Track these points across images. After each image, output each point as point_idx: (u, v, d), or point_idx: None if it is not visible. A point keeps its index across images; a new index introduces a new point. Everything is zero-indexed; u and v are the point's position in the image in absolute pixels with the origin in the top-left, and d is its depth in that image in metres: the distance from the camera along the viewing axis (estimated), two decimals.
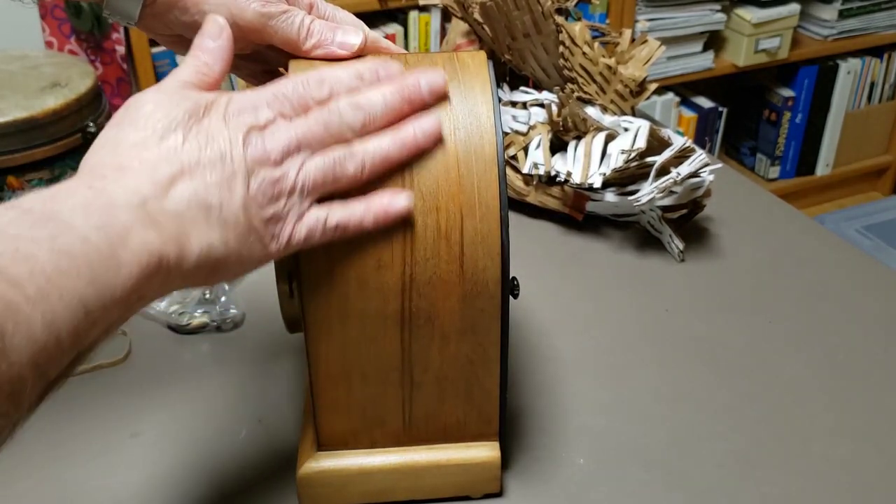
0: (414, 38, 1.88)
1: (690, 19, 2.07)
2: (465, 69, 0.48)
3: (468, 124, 0.46)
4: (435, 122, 0.45)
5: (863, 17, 2.24)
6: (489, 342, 0.48)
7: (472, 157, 0.46)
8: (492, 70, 0.49)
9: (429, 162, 0.46)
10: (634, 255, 0.78)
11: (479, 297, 0.47)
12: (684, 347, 0.67)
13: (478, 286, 0.47)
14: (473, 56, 0.49)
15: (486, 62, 0.49)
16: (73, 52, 1.75)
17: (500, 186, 0.46)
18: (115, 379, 0.63)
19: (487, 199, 0.46)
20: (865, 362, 0.65)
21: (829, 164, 2.45)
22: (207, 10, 0.48)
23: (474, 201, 0.46)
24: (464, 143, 0.46)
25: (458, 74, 0.48)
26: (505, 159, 0.48)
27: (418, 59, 0.49)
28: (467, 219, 0.46)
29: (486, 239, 0.46)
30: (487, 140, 0.46)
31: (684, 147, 0.75)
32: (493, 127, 0.47)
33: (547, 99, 0.86)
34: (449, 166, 0.46)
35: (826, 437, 0.58)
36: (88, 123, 1.54)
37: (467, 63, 0.49)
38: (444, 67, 0.48)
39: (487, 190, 0.46)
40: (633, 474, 0.55)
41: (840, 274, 0.76)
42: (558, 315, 0.70)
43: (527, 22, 0.84)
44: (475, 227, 0.46)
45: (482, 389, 0.50)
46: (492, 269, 0.47)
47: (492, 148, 0.46)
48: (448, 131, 0.46)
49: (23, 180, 1.49)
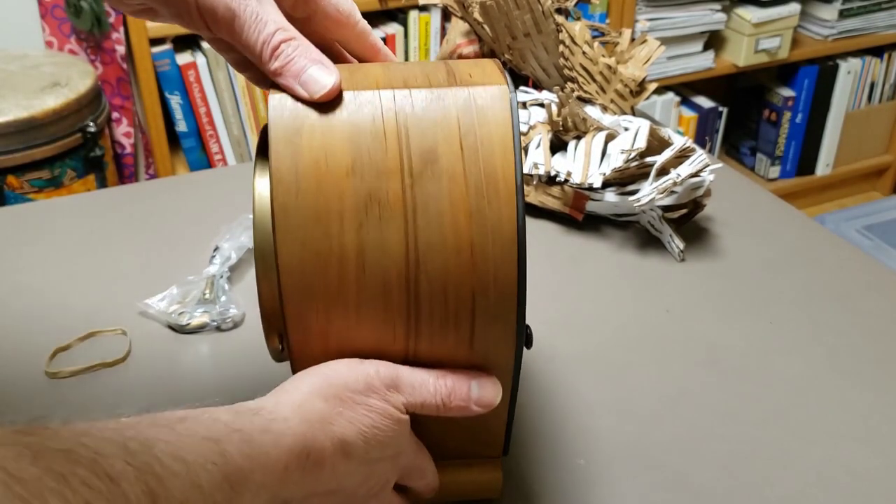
0: (414, 37, 1.88)
1: (690, 19, 2.07)
2: (484, 118, 0.42)
3: (484, 193, 0.41)
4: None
5: (863, 17, 2.24)
6: (498, 374, 0.46)
7: (489, 236, 0.41)
8: (516, 115, 0.42)
9: (436, 242, 0.41)
10: (635, 255, 0.78)
11: (488, 368, 0.45)
12: (685, 347, 0.66)
13: (488, 362, 0.44)
14: (495, 97, 0.42)
15: (511, 106, 0.42)
16: (72, 52, 1.75)
17: (518, 268, 0.41)
18: (114, 379, 0.63)
19: (504, 280, 0.41)
20: (866, 363, 0.65)
21: (829, 164, 2.45)
22: None
23: (489, 282, 0.41)
24: (478, 216, 0.40)
25: (475, 123, 0.41)
26: (525, 236, 0.41)
27: (428, 102, 0.42)
28: (479, 300, 0.42)
29: (500, 319, 0.42)
30: (506, 215, 0.40)
31: (684, 147, 0.75)
32: (513, 198, 0.40)
33: (547, 98, 0.86)
34: (461, 247, 0.41)
35: (826, 437, 0.58)
36: (88, 123, 1.55)
37: (486, 109, 0.42)
38: (458, 115, 0.41)
39: (504, 271, 0.41)
40: (634, 475, 0.55)
41: (840, 274, 0.76)
42: (558, 315, 0.70)
43: (527, 21, 0.84)
44: (488, 308, 0.42)
45: (488, 431, 0.48)
46: (505, 351, 0.43)
47: (511, 225, 0.41)
48: (459, 198, 0.40)
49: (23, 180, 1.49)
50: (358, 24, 0.49)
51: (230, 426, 0.37)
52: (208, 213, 0.82)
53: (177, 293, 0.70)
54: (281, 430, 0.39)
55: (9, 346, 0.66)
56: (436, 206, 0.41)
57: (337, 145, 0.41)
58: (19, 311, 0.70)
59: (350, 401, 0.42)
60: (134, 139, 1.83)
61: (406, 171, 0.41)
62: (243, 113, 1.83)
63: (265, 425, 0.38)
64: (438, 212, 0.41)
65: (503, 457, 0.52)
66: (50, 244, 0.79)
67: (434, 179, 0.41)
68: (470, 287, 0.41)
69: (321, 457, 0.40)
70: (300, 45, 0.43)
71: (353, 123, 0.41)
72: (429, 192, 0.41)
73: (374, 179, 0.41)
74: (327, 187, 0.41)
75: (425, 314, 0.42)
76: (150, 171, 1.88)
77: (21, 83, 1.55)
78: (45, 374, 0.63)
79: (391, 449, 0.44)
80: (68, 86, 1.55)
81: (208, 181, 0.92)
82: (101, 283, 0.74)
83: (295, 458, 0.38)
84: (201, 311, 0.69)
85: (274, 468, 0.37)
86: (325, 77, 0.42)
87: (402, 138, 0.41)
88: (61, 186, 1.54)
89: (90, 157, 1.57)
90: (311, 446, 0.39)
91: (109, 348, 0.66)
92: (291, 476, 0.38)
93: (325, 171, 0.41)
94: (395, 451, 0.44)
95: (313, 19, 0.48)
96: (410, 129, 0.41)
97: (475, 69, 0.44)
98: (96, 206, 0.86)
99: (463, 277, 0.41)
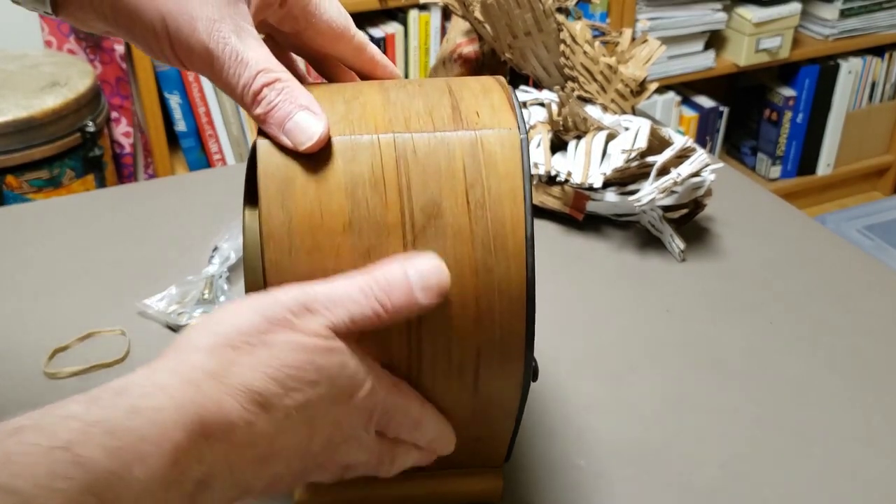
0: (414, 36, 1.88)
1: (691, 18, 2.07)
2: (493, 167, 0.38)
3: (491, 249, 0.38)
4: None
5: (864, 17, 2.24)
6: (501, 429, 0.45)
7: (496, 293, 0.38)
8: (527, 162, 0.39)
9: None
10: (635, 255, 0.78)
11: (490, 411, 0.43)
12: (685, 348, 0.66)
13: (493, 404, 0.42)
14: (504, 143, 0.39)
15: (521, 154, 0.39)
16: (71, 52, 1.75)
17: (527, 323, 0.39)
18: (114, 379, 0.63)
19: (511, 335, 0.39)
20: (867, 363, 0.65)
21: (830, 164, 2.45)
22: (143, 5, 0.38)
23: (495, 339, 0.39)
24: (484, 273, 0.38)
25: (483, 174, 0.38)
26: (534, 290, 0.39)
27: (431, 148, 0.39)
28: (485, 354, 0.40)
29: (506, 370, 0.40)
30: (515, 270, 0.38)
31: (685, 147, 0.75)
32: (522, 253, 0.38)
33: (547, 98, 0.86)
34: (466, 304, 0.38)
35: (827, 437, 0.58)
36: (87, 123, 1.54)
37: (494, 157, 0.39)
38: (464, 164, 0.39)
39: (512, 326, 0.39)
40: (634, 476, 0.55)
41: (841, 274, 0.75)
42: (558, 315, 0.70)
43: (528, 20, 0.84)
44: (493, 361, 0.40)
45: (491, 447, 0.47)
46: (511, 393, 0.42)
47: (520, 280, 0.38)
48: (464, 255, 0.38)
49: (22, 180, 1.49)
50: (354, 38, 0.46)
51: (85, 420, 0.29)
52: (207, 213, 0.82)
53: (176, 293, 0.70)
54: (157, 405, 0.31)
55: (7, 346, 0.66)
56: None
57: (333, 198, 0.37)
58: (18, 311, 0.70)
59: (245, 345, 0.34)
60: (133, 139, 1.82)
61: (408, 227, 0.38)
62: (242, 113, 1.83)
63: (133, 404, 0.31)
64: None
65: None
66: (49, 244, 0.79)
67: (438, 236, 0.38)
68: (475, 343, 0.39)
69: (226, 419, 0.32)
70: (285, 88, 0.39)
71: (351, 174, 0.38)
72: (431, 250, 0.38)
73: (374, 236, 0.38)
74: (323, 244, 0.38)
75: (427, 367, 0.40)
76: (150, 170, 1.88)
77: (20, 83, 1.55)
78: (43, 375, 0.63)
79: (329, 386, 0.36)
80: (67, 85, 1.55)
81: (207, 181, 0.92)
82: (99, 284, 0.73)
83: (185, 432, 0.31)
84: (200, 312, 0.68)
85: (158, 453, 0.30)
86: (312, 125, 0.38)
87: (403, 190, 0.38)
88: (60, 186, 1.54)
89: (89, 157, 1.57)
90: (204, 411, 0.32)
91: (108, 348, 0.66)
92: (190, 454, 0.31)
93: (319, 227, 0.38)
94: (341, 389, 0.36)
95: (305, 34, 0.45)
96: (412, 179, 0.38)
97: (482, 102, 0.41)
98: (95, 206, 0.86)
99: (467, 334, 0.39)
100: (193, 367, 0.33)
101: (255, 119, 0.40)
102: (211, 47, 0.38)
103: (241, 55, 0.39)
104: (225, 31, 0.38)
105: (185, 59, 0.39)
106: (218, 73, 0.39)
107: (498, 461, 0.49)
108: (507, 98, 0.42)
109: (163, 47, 0.39)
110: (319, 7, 0.43)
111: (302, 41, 0.46)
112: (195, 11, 0.38)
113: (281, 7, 0.42)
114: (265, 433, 0.34)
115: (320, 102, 0.41)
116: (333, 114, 0.40)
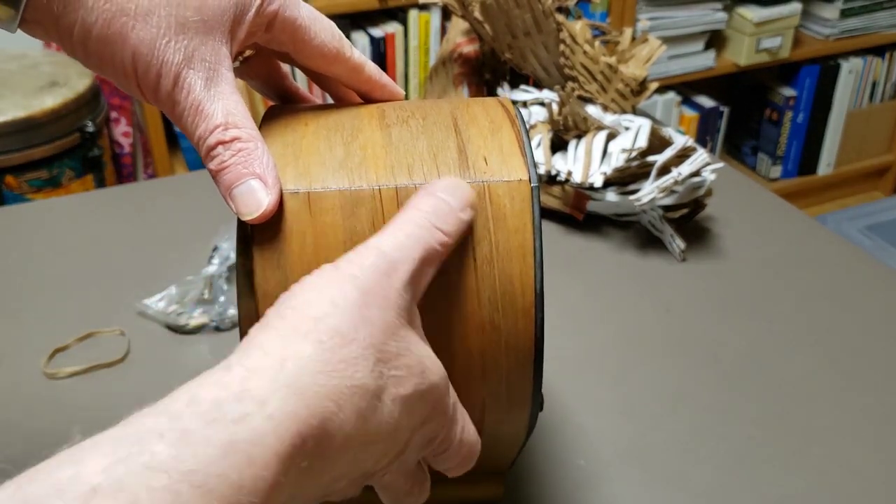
0: (414, 36, 1.88)
1: (691, 18, 2.07)
2: (501, 221, 0.36)
3: (498, 307, 0.36)
4: None
5: (864, 17, 2.24)
6: (505, 454, 0.45)
7: (502, 350, 0.37)
8: (537, 214, 0.37)
9: (443, 357, 0.35)
10: (635, 255, 0.77)
11: (495, 446, 0.42)
12: (685, 347, 0.66)
13: (499, 442, 0.42)
14: (514, 195, 0.37)
15: (532, 206, 0.37)
16: None
17: (534, 379, 0.37)
18: (113, 379, 0.63)
19: (518, 390, 0.38)
20: (867, 363, 0.65)
21: (830, 164, 2.44)
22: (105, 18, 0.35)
23: (501, 393, 0.38)
24: (491, 330, 0.37)
25: (490, 229, 0.36)
26: (543, 345, 0.38)
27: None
28: (490, 406, 0.38)
29: (512, 418, 0.39)
30: (523, 328, 0.37)
31: (685, 146, 0.75)
32: (531, 310, 0.36)
33: (547, 98, 0.86)
34: (471, 361, 0.37)
35: (827, 437, 0.58)
36: (86, 123, 1.54)
37: (503, 210, 0.37)
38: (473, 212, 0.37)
39: (518, 382, 0.38)
40: (634, 476, 0.55)
41: (841, 274, 0.75)
42: (558, 315, 0.70)
43: (527, 20, 0.84)
44: (499, 412, 0.39)
45: (497, 460, 0.46)
46: (516, 433, 0.41)
47: (528, 336, 0.37)
48: (470, 313, 0.36)
49: (21, 180, 1.49)
50: (349, 59, 0.43)
51: (174, 473, 0.25)
52: (207, 213, 0.82)
53: (175, 293, 0.70)
54: (255, 435, 0.27)
55: (7, 346, 0.66)
56: (444, 322, 0.36)
57: (332, 256, 0.34)
58: (17, 311, 0.70)
59: (352, 330, 0.30)
60: (132, 139, 1.82)
61: None
62: None
63: (229, 438, 0.26)
64: (447, 327, 0.36)
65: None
66: (48, 244, 0.79)
67: (441, 295, 0.36)
68: (480, 396, 0.38)
69: (325, 432, 0.29)
70: (242, 150, 0.36)
71: (350, 229, 0.36)
72: (435, 308, 0.36)
73: None
74: None
75: None
76: (149, 170, 1.87)
77: (19, 83, 1.55)
78: (43, 375, 0.63)
79: (420, 382, 0.33)
80: (67, 85, 1.55)
81: (207, 181, 0.92)
82: (99, 284, 0.73)
83: (281, 462, 0.27)
84: (200, 312, 0.68)
85: (251, 495, 0.26)
86: (260, 198, 0.35)
87: None
88: (60, 186, 1.54)
89: (89, 157, 1.56)
90: (306, 427, 0.28)
91: (108, 349, 0.65)
92: (282, 487, 0.27)
93: None
94: (430, 388, 0.33)
95: (296, 57, 0.43)
96: None
97: (490, 144, 0.39)
98: (94, 206, 0.86)
99: (472, 387, 0.38)
100: (299, 368, 0.29)
101: (210, 173, 0.37)
102: (174, 94, 0.36)
103: (202, 106, 0.36)
104: (192, 79, 0.36)
105: (150, 99, 0.38)
106: (178, 120, 0.37)
107: (502, 468, 0.49)
108: (517, 135, 0.40)
109: (130, 84, 0.38)
110: (309, 32, 0.41)
111: (299, 63, 0.44)
112: (165, 55, 0.36)
113: (267, 32, 0.40)
114: (356, 446, 0.30)
115: (316, 142, 0.39)
116: (332, 158, 0.38)
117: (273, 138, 0.39)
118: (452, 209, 0.35)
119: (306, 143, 0.39)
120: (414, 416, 0.32)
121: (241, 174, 0.36)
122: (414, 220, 0.34)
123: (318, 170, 0.37)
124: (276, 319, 0.31)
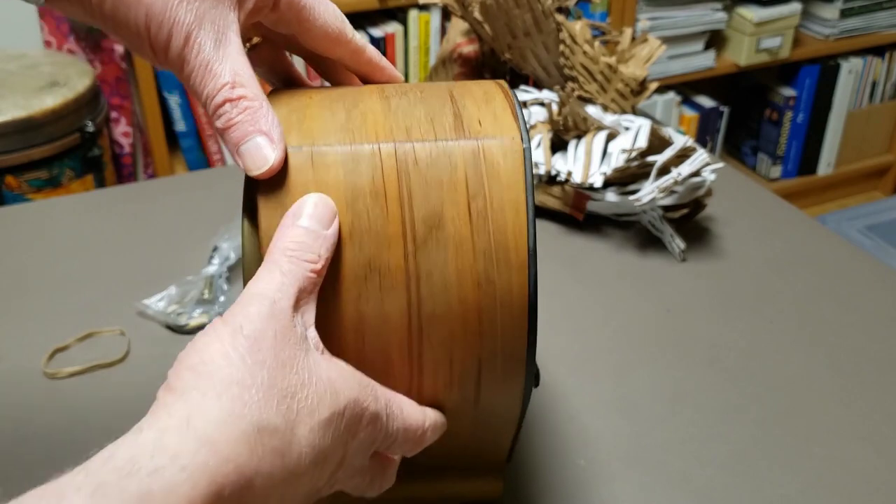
0: (414, 36, 1.88)
1: (691, 18, 2.07)
2: (495, 177, 0.38)
3: (493, 260, 0.37)
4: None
5: (864, 17, 2.24)
6: (502, 435, 0.45)
7: (497, 305, 0.38)
8: (530, 171, 0.38)
9: (440, 312, 0.38)
10: (635, 255, 0.77)
11: (491, 420, 0.43)
12: (685, 347, 0.66)
13: (494, 414, 0.42)
14: (507, 151, 0.38)
15: (524, 163, 0.38)
16: (71, 52, 1.75)
17: (528, 337, 0.39)
18: (113, 379, 0.63)
19: (513, 348, 0.39)
20: (867, 363, 0.65)
21: (830, 164, 2.44)
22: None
23: (496, 351, 0.39)
24: (486, 285, 0.38)
25: (485, 185, 0.38)
26: (536, 302, 0.39)
27: (433, 158, 0.38)
28: (486, 367, 0.39)
29: (508, 382, 0.40)
30: (517, 283, 0.38)
31: (685, 146, 0.75)
32: (525, 265, 0.37)
33: (547, 98, 0.86)
34: (467, 317, 0.38)
35: (827, 437, 0.58)
36: (86, 123, 1.54)
37: (497, 167, 0.38)
38: (466, 173, 0.38)
39: (514, 339, 0.39)
40: (635, 476, 0.55)
41: (842, 274, 0.75)
42: (558, 315, 0.70)
43: (527, 20, 0.84)
44: (495, 373, 0.40)
45: (492, 451, 0.47)
46: (512, 404, 0.41)
47: (522, 292, 0.38)
48: (466, 267, 0.37)
49: (21, 180, 1.49)
50: (351, 41, 0.45)
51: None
52: (207, 213, 0.82)
53: (175, 293, 0.70)
54: (169, 485, 0.28)
55: (7, 346, 0.66)
56: (441, 275, 0.38)
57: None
58: (17, 311, 0.70)
59: (250, 377, 0.32)
60: (132, 139, 1.82)
61: (409, 238, 0.37)
62: None
63: (145, 490, 0.28)
64: (444, 281, 0.38)
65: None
66: (48, 244, 0.79)
67: (439, 247, 0.37)
68: (476, 355, 0.39)
69: (243, 477, 0.30)
70: (248, 108, 0.38)
71: (351, 184, 0.37)
72: (433, 261, 0.37)
73: (374, 247, 0.37)
74: None
75: (428, 378, 0.40)
76: (149, 170, 1.87)
77: (19, 83, 1.55)
78: (43, 375, 0.63)
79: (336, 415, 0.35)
80: (67, 85, 1.55)
81: (207, 181, 0.92)
82: (99, 283, 0.73)
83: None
84: (200, 312, 0.68)
85: None
86: (267, 153, 0.37)
87: (404, 201, 0.38)
88: (60, 186, 1.54)
89: (88, 157, 1.56)
90: (222, 477, 0.29)
91: (108, 348, 0.65)
92: None
93: None
94: (350, 419, 0.36)
95: (301, 38, 0.44)
96: (414, 190, 0.38)
97: (484, 109, 0.41)
98: (95, 206, 0.86)
99: (469, 346, 0.38)
100: (205, 422, 0.30)
101: (216, 132, 0.39)
102: (185, 53, 0.38)
103: (211, 65, 0.38)
104: (202, 38, 0.38)
105: (161, 60, 0.39)
106: (187, 79, 0.38)
107: (499, 464, 0.49)
108: (510, 105, 0.41)
109: (143, 46, 0.39)
110: (313, 12, 0.42)
111: (298, 44, 0.46)
112: (177, 15, 0.37)
113: (273, 11, 0.42)
114: (279, 483, 0.32)
115: (320, 111, 0.40)
116: (334, 122, 0.39)
117: (279, 106, 0.41)
118: (317, 235, 0.36)
119: (310, 111, 0.40)
120: (340, 435, 0.34)
121: (247, 131, 0.37)
122: (285, 257, 0.36)
123: (320, 132, 0.39)
124: (176, 381, 0.32)
